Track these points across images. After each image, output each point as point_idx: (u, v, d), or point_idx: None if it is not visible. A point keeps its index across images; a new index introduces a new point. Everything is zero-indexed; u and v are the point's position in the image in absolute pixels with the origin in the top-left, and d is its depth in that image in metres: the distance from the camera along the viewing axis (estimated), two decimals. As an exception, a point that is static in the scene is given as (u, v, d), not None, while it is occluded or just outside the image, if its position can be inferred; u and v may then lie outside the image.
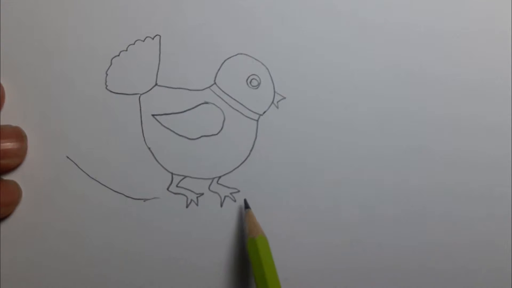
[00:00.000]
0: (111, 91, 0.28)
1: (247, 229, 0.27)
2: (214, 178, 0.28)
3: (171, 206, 0.28)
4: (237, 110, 0.28)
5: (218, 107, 0.28)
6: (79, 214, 0.27)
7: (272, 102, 0.28)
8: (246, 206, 0.28)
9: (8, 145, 0.26)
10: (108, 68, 0.28)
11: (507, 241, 0.29)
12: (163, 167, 0.28)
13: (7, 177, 0.27)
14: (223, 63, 0.28)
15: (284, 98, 0.28)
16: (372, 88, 0.29)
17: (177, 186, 0.28)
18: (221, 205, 0.28)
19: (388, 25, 0.28)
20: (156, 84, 0.28)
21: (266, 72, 0.28)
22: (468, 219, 0.29)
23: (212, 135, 0.28)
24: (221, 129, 0.28)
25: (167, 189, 0.28)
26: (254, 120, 0.28)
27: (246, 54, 0.28)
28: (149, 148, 0.28)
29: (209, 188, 0.28)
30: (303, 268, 0.28)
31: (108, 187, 0.28)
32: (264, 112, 0.28)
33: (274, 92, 0.28)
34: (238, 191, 0.28)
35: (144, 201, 0.28)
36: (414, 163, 0.29)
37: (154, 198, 0.28)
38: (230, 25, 0.28)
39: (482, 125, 0.29)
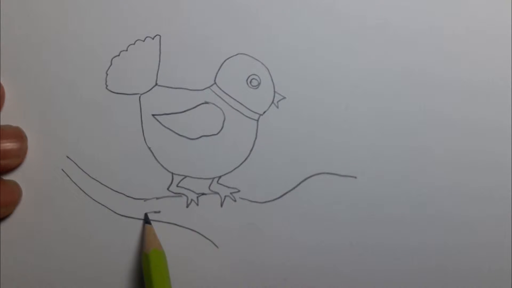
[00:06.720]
0: (111, 91, 0.28)
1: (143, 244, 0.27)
2: (214, 178, 0.28)
3: (171, 206, 0.28)
4: (237, 110, 0.28)
5: (218, 107, 0.28)
6: (79, 214, 0.27)
7: (272, 102, 0.28)
8: (146, 221, 0.27)
9: (8, 145, 0.26)
10: (108, 68, 0.28)
11: (507, 241, 0.29)
12: (163, 167, 0.28)
13: (7, 177, 0.27)
14: (223, 63, 0.28)
15: (284, 98, 0.28)
16: (372, 88, 0.28)
17: (177, 186, 0.28)
18: (221, 205, 0.28)
19: (388, 25, 0.28)
20: (156, 84, 0.28)
21: (266, 72, 0.28)
22: (468, 219, 0.29)
23: (212, 135, 0.28)
24: (221, 129, 0.28)
25: (167, 189, 0.28)
26: (254, 120, 0.28)
27: (246, 54, 0.28)
28: (149, 148, 0.28)
29: (209, 188, 0.28)
30: (303, 268, 0.28)
31: (108, 187, 0.28)
32: (264, 112, 0.28)
33: (274, 92, 0.28)
34: (238, 191, 0.28)
35: (144, 201, 0.28)
36: (414, 163, 0.28)
37: (154, 198, 0.28)
38: (230, 25, 0.28)
39: (482, 125, 0.29)
